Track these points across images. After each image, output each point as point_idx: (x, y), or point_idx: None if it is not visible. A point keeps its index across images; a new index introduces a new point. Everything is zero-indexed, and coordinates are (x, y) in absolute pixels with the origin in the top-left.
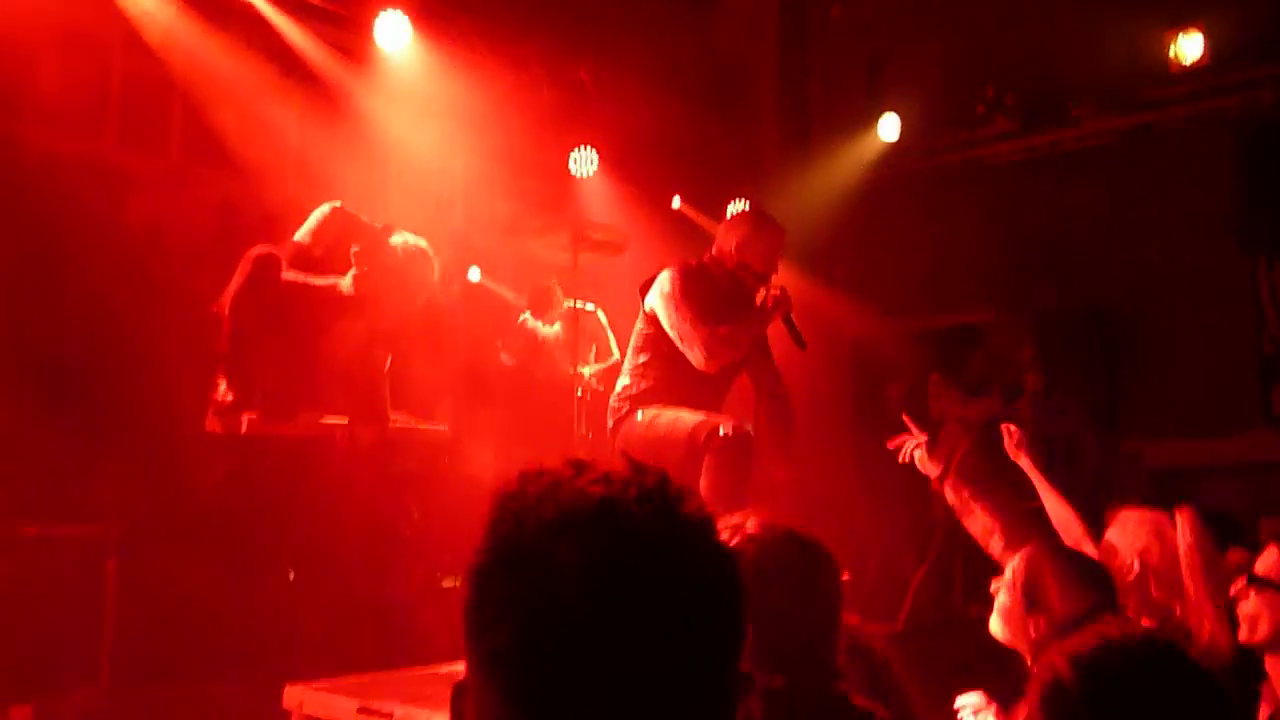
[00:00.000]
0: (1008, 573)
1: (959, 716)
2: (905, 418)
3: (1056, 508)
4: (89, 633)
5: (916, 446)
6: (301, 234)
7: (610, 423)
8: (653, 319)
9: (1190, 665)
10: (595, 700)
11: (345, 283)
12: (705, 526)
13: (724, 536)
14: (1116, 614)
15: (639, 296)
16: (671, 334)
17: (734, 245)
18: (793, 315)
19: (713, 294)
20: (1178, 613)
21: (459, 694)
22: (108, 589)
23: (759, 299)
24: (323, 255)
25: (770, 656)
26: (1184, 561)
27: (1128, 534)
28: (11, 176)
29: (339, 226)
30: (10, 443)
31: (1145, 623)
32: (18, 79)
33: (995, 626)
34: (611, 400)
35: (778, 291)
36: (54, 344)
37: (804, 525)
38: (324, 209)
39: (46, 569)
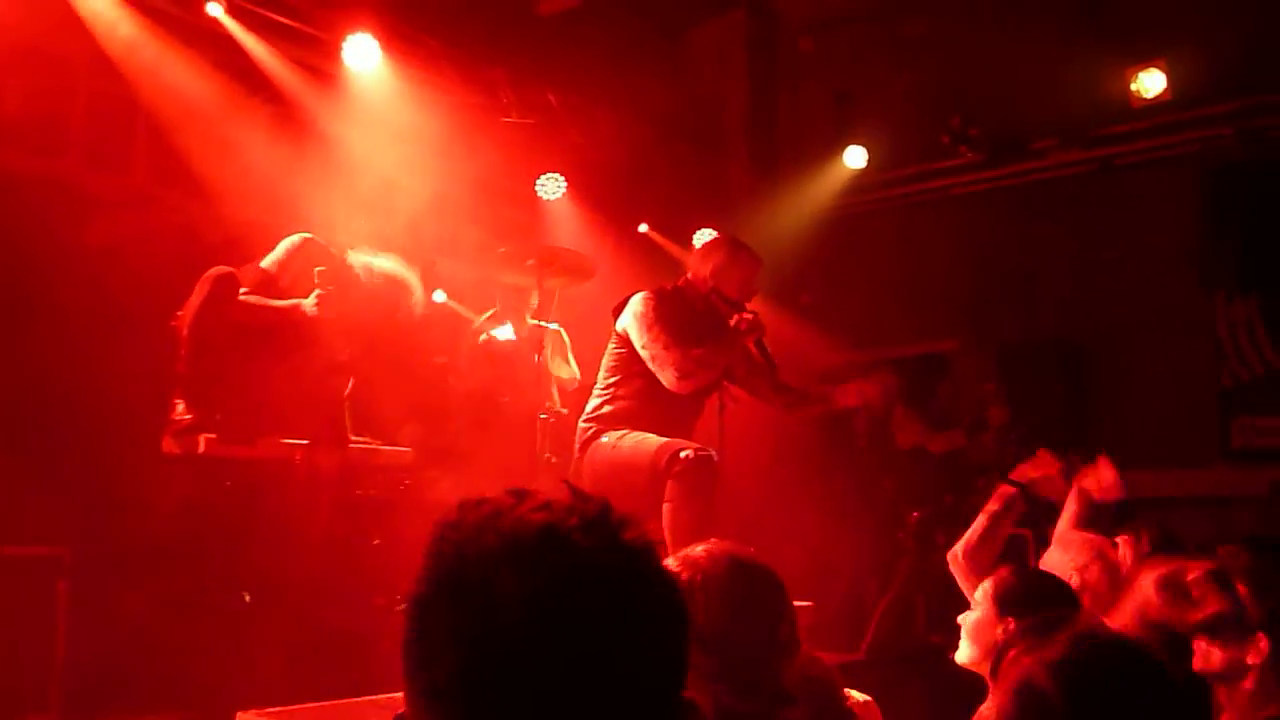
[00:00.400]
0: (979, 592)
1: None
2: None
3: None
4: (40, 657)
5: None
6: (269, 262)
7: (577, 444)
8: (624, 340)
9: (1161, 667)
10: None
11: (308, 303)
12: (647, 554)
13: (675, 568)
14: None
15: (611, 318)
16: (644, 355)
17: (709, 272)
18: (764, 340)
19: (687, 318)
20: None
21: None
22: (59, 611)
23: (732, 324)
24: (289, 285)
25: (715, 679)
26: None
27: (1068, 551)
28: None
29: (307, 258)
30: None
31: None
32: None
33: (963, 650)
34: (580, 421)
35: (750, 316)
36: (11, 363)
37: (749, 550)
38: (294, 239)
39: None
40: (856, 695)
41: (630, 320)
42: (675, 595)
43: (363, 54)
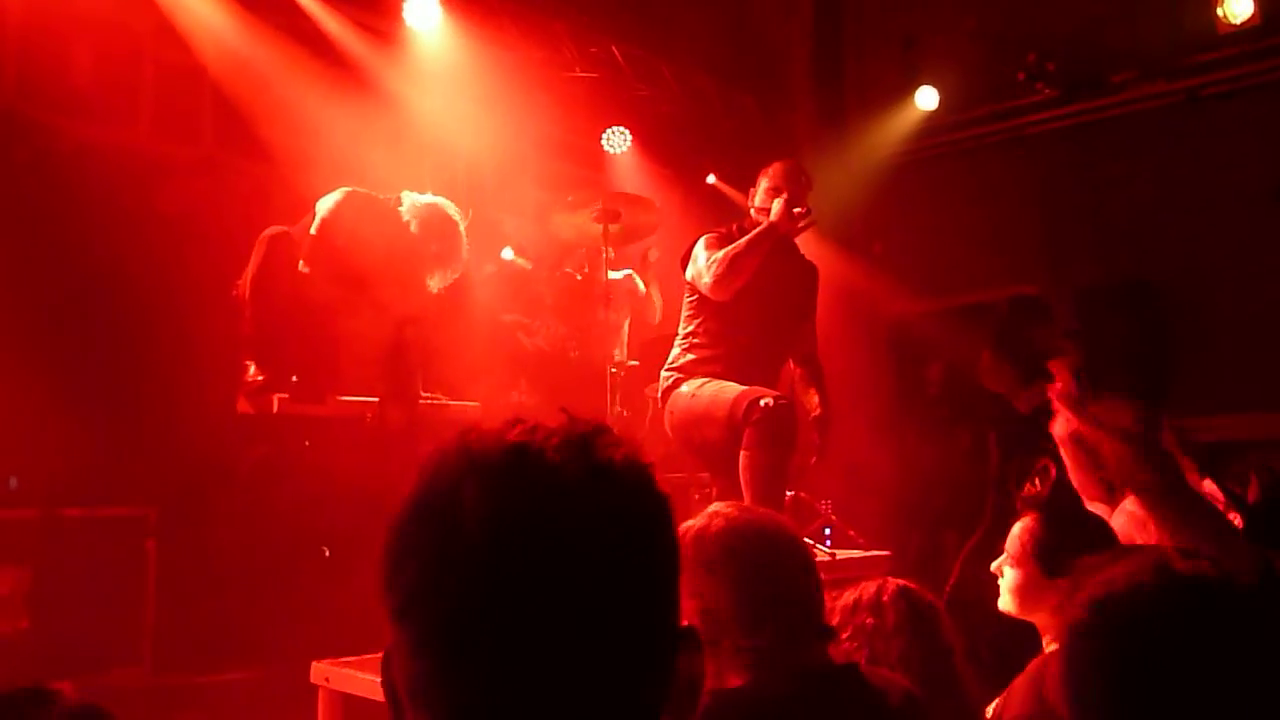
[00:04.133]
0: (1010, 545)
1: None
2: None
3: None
4: (131, 613)
5: None
6: (318, 223)
7: (660, 393)
8: (694, 288)
9: (1238, 593)
10: (504, 647)
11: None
12: (626, 472)
13: (699, 521)
14: None
15: (680, 269)
16: (695, 282)
17: (765, 196)
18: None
19: None
20: None
21: (386, 661)
22: (149, 569)
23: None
24: (345, 242)
25: (760, 615)
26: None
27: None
28: (46, 165)
29: (356, 210)
30: (49, 428)
31: None
32: (51, 69)
33: (1006, 602)
34: (662, 371)
35: (782, 204)
36: (89, 331)
37: (748, 510)
38: (337, 195)
39: (88, 550)
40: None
41: (693, 262)
42: (656, 518)
43: (424, 13)
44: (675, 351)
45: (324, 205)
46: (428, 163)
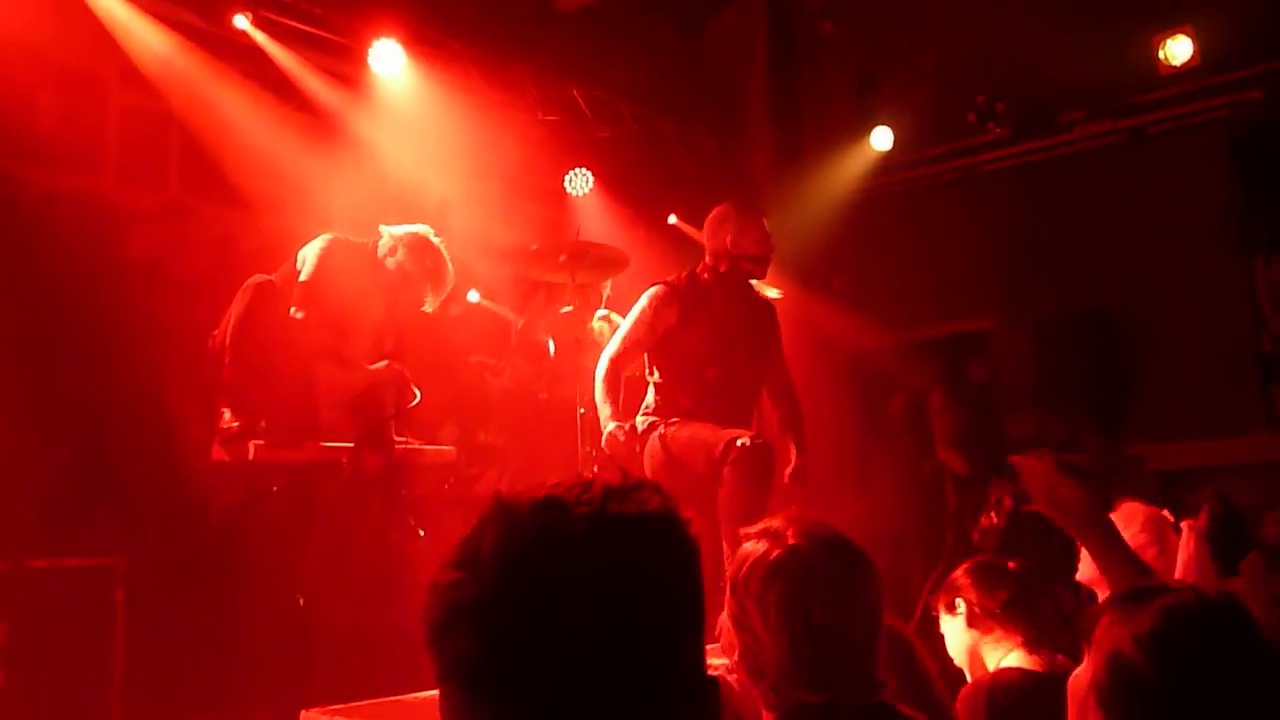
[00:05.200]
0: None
1: None
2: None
3: None
4: (100, 666)
5: None
6: (306, 273)
7: (638, 436)
8: None
9: (1254, 632)
10: (508, 679)
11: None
12: (646, 524)
13: (760, 546)
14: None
15: None
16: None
17: (729, 240)
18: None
19: (704, 306)
20: None
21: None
22: (117, 620)
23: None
24: (328, 287)
25: (810, 672)
26: (1180, 573)
27: (1129, 527)
28: (12, 214)
29: (341, 257)
30: (16, 477)
31: None
32: (16, 116)
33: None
34: (637, 416)
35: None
36: (57, 379)
37: (841, 530)
38: (321, 243)
39: (55, 602)
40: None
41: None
42: (673, 572)
43: (387, 59)
44: (649, 394)
45: (310, 252)
46: (394, 205)
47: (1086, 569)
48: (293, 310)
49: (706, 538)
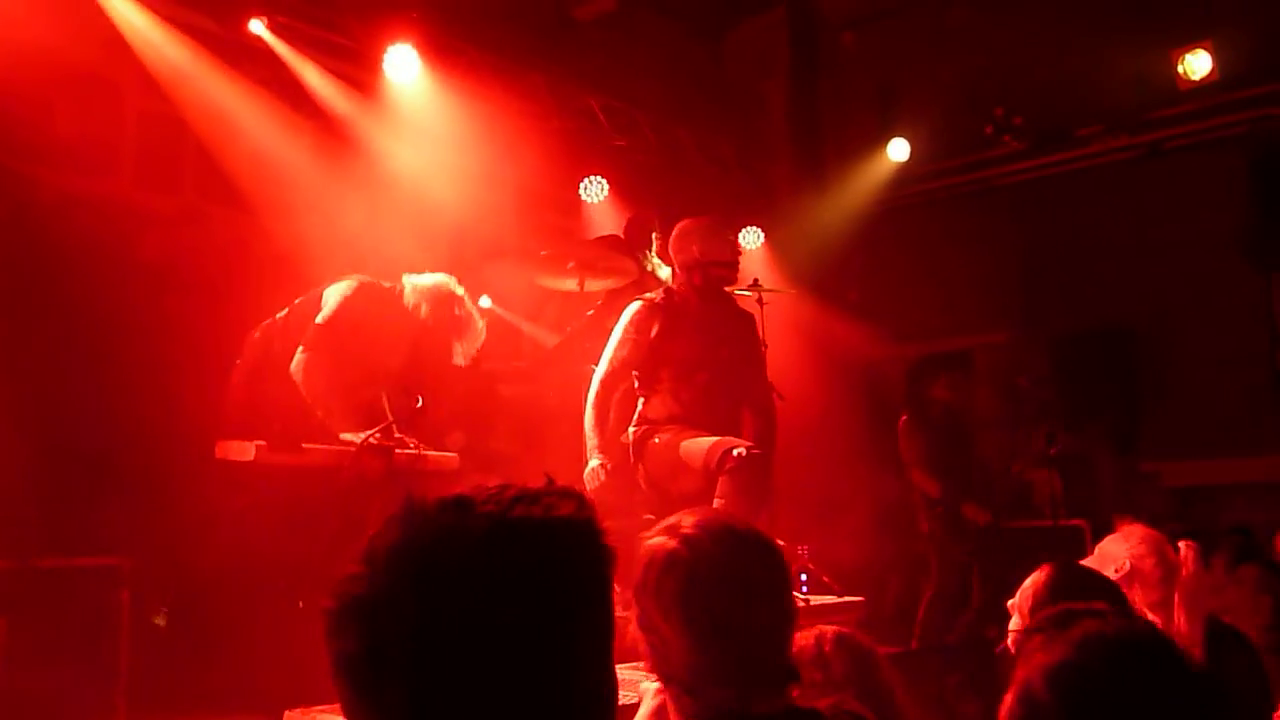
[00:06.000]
0: (1018, 594)
1: None
2: None
3: None
4: (104, 664)
5: None
6: (323, 316)
7: (631, 450)
8: None
9: (1177, 665)
10: (395, 681)
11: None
12: (541, 529)
13: (657, 541)
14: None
15: None
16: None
17: (698, 252)
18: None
19: (685, 315)
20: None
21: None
22: (123, 619)
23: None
24: (349, 332)
25: (719, 667)
26: (1181, 588)
27: (1128, 541)
28: (28, 217)
29: (367, 300)
30: (25, 478)
31: None
32: (34, 121)
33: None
34: (629, 427)
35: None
36: (68, 379)
37: (738, 518)
38: (346, 287)
39: (62, 601)
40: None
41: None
42: (571, 578)
43: (403, 65)
44: (640, 404)
45: (334, 293)
46: (407, 212)
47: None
48: (299, 350)
49: None
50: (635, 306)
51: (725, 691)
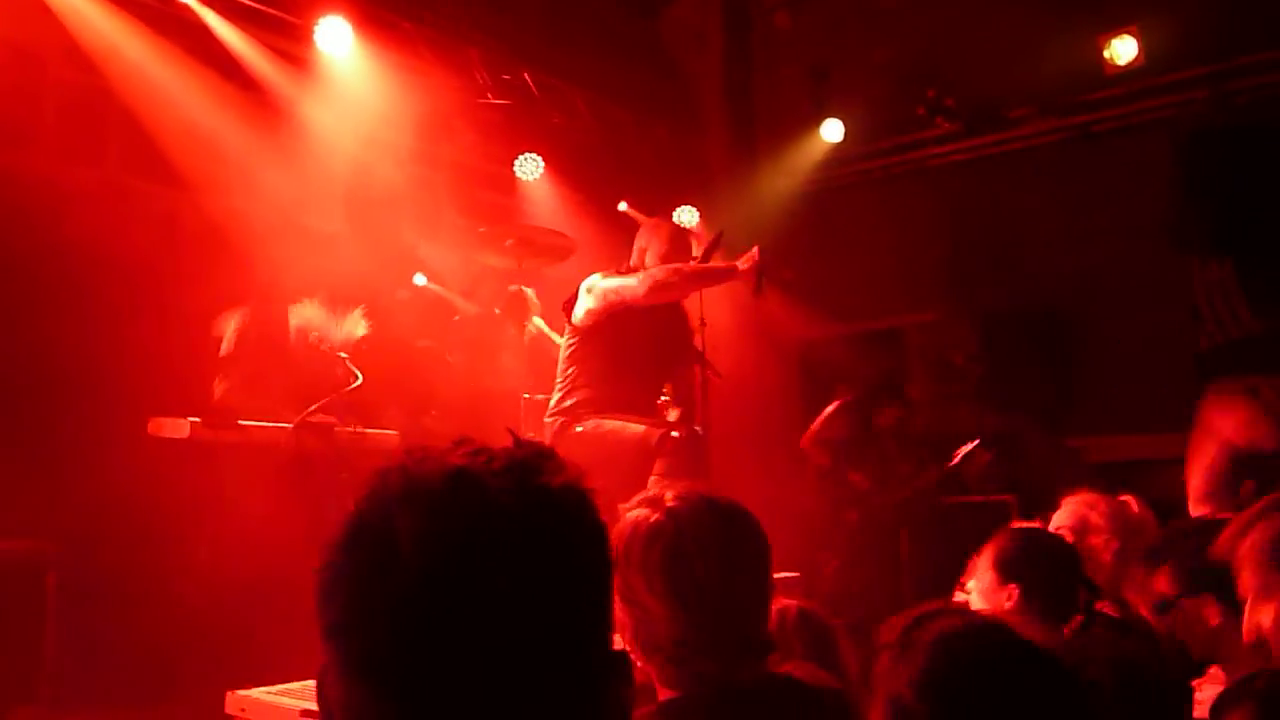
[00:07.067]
0: (982, 560)
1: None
2: None
3: None
4: (28, 649)
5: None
6: (224, 349)
7: (548, 439)
8: (576, 331)
9: (1033, 657)
10: (433, 672)
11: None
12: (564, 499)
13: (639, 513)
14: (1084, 586)
15: (564, 314)
16: (610, 295)
17: (664, 250)
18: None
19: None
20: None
21: (321, 675)
22: (47, 604)
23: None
24: (248, 358)
25: (703, 635)
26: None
27: (1073, 505)
28: None
29: (252, 329)
30: None
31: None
32: None
33: (974, 603)
34: (545, 417)
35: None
36: None
37: (723, 493)
38: (235, 319)
39: None
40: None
41: (587, 295)
42: (592, 546)
43: (336, 38)
44: (556, 396)
45: (228, 328)
46: (340, 188)
47: None
48: (216, 383)
49: None
50: (607, 273)
51: (709, 662)
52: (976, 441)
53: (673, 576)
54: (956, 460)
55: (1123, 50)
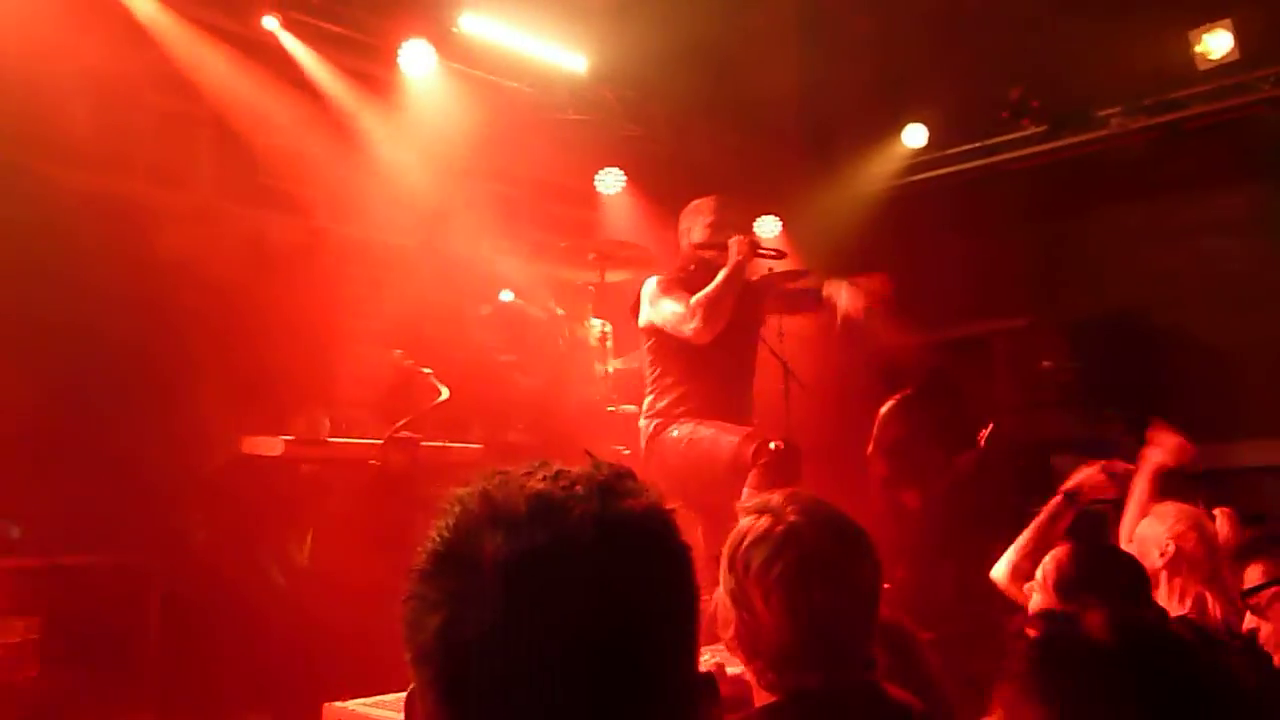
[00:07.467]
0: (1039, 572)
1: None
2: None
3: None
4: (135, 662)
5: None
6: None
7: (642, 441)
8: (651, 332)
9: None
10: (518, 700)
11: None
12: (645, 523)
13: (761, 523)
14: (1149, 605)
15: (632, 317)
16: (668, 328)
17: (707, 233)
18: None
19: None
20: (1209, 603)
21: (410, 701)
22: (152, 615)
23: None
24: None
25: (809, 654)
26: (1223, 554)
27: (1164, 522)
28: (45, 215)
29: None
30: (52, 476)
31: (1179, 609)
32: (50, 118)
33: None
34: (640, 420)
35: (743, 239)
36: (90, 379)
37: (842, 510)
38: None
39: (93, 598)
40: None
41: (646, 307)
42: (674, 570)
43: (418, 59)
44: (650, 397)
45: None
46: (424, 205)
47: None
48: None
49: (717, 540)
50: (662, 281)
51: (812, 675)
52: (993, 425)
53: (789, 595)
54: (981, 444)
55: (1215, 45)
